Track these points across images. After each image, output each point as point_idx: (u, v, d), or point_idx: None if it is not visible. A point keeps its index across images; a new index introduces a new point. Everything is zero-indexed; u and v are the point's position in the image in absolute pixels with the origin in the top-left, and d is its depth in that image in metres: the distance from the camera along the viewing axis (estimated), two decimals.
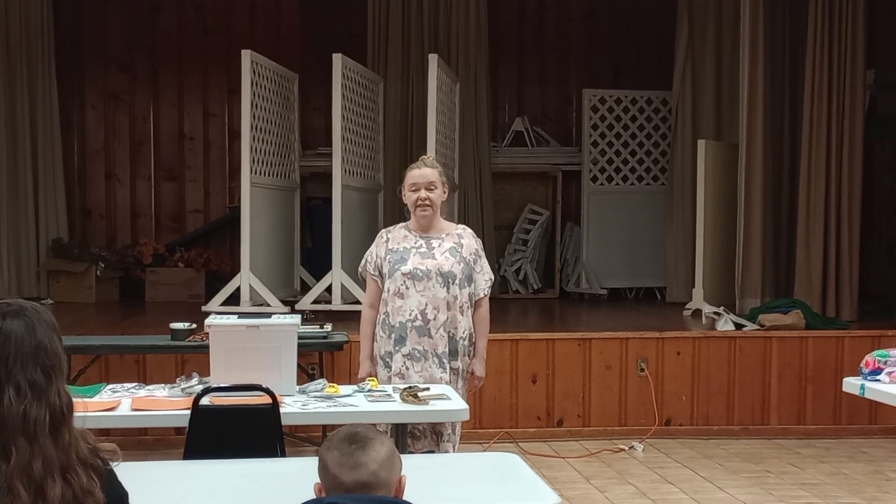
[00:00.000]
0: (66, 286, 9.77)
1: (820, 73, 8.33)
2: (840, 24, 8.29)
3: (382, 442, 2.44)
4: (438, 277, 4.80)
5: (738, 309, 8.48)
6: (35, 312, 2.22)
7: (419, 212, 4.85)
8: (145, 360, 6.90)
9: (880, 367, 4.50)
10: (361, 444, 2.42)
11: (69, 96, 10.51)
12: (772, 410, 7.47)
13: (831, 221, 8.35)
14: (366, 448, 2.41)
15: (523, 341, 7.31)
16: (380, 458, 2.40)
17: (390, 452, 2.43)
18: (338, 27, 10.49)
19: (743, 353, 7.47)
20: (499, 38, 10.72)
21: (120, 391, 4.36)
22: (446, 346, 4.82)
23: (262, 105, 8.43)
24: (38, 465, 2.09)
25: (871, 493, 6.07)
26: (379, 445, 2.42)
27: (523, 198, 10.86)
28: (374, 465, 2.39)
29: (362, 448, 2.41)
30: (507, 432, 7.18)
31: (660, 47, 10.49)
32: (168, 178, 10.86)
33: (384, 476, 2.40)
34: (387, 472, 2.41)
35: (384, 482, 2.40)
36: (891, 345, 6.29)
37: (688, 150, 9.63)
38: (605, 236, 10.61)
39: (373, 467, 2.39)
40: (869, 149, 8.95)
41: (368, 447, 2.41)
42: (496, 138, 10.78)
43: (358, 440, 2.43)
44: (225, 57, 10.45)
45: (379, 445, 2.42)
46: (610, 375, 7.35)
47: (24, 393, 2.12)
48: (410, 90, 9.95)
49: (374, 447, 2.41)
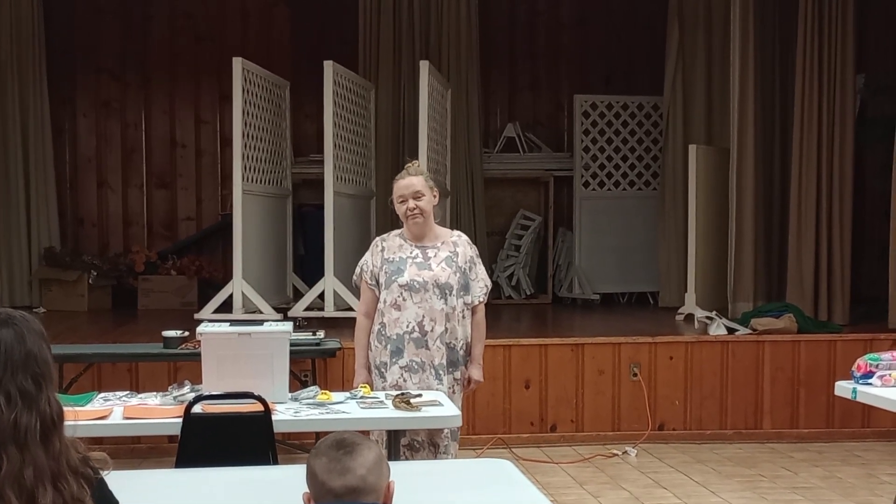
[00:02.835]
0: (59, 294, 9.75)
1: (810, 77, 8.35)
2: (830, 29, 8.32)
3: (369, 447, 2.44)
4: (435, 289, 4.78)
5: (730, 313, 8.49)
6: (24, 321, 2.21)
7: (411, 221, 4.83)
8: (137, 369, 6.90)
9: (872, 370, 4.51)
10: (349, 449, 2.42)
11: (61, 105, 10.49)
12: (765, 414, 7.48)
13: (823, 225, 8.37)
14: (353, 453, 2.41)
15: (516, 347, 7.32)
16: (368, 462, 2.40)
17: (378, 458, 2.43)
18: (329, 34, 10.49)
19: (735, 358, 7.47)
20: (490, 44, 10.73)
21: (112, 399, 4.35)
22: (444, 358, 4.79)
23: (253, 112, 8.44)
24: (28, 474, 2.09)
25: (864, 496, 6.08)
26: (366, 451, 2.42)
27: (515, 203, 10.86)
28: (362, 470, 2.39)
29: (350, 453, 2.41)
30: (501, 438, 7.18)
31: (650, 53, 10.50)
32: (160, 186, 10.85)
33: (372, 481, 2.40)
34: (375, 476, 2.41)
35: (372, 487, 2.40)
36: (882, 348, 6.32)
37: (679, 154, 9.63)
38: (598, 241, 10.61)
39: (361, 472, 2.39)
40: (860, 152, 8.97)
41: (356, 452, 2.41)
42: (488, 144, 10.78)
43: (345, 446, 2.43)
44: (217, 64, 10.44)
45: (366, 451, 2.42)
46: (603, 380, 7.35)
47: (14, 401, 2.12)
48: (402, 97, 9.95)
49: (361, 452, 2.41)
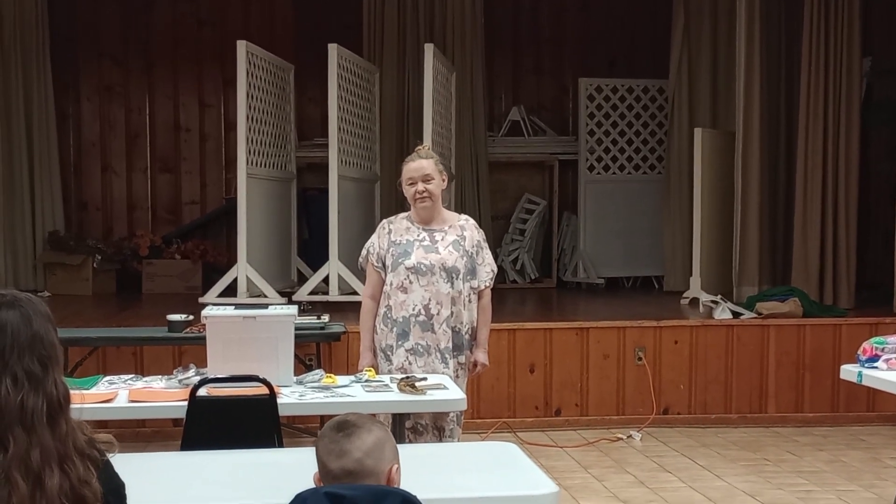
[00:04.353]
0: (63, 278, 9.75)
1: (816, 60, 8.32)
2: (836, 11, 8.28)
3: (370, 430, 2.41)
4: (442, 272, 4.75)
5: (735, 297, 8.48)
6: (30, 303, 2.21)
7: (419, 204, 4.81)
8: (142, 352, 6.90)
9: (878, 354, 4.51)
10: (349, 432, 2.40)
11: (64, 89, 10.48)
12: (769, 398, 7.47)
13: (828, 209, 8.35)
14: (352, 436, 2.39)
15: (521, 331, 7.31)
16: (365, 446, 2.39)
17: (378, 441, 2.40)
18: (333, 18, 10.45)
19: (740, 342, 7.47)
20: (494, 27, 10.69)
21: (117, 383, 4.36)
22: (450, 342, 4.78)
23: (257, 96, 8.42)
24: (35, 456, 2.09)
25: (870, 480, 6.08)
26: (366, 434, 2.40)
27: (520, 187, 10.84)
28: (358, 454, 2.38)
29: (349, 436, 2.40)
30: (505, 422, 7.18)
31: (655, 36, 10.46)
32: (164, 170, 10.84)
33: (370, 464, 2.38)
34: (374, 460, 2.38)
35: (371, 470, 2.38)
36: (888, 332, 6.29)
37: (684, 138, 9.61)
38: (603, 225, 10.60)
39: (357, 455, 2.38)
40: (866, 136, 8.94)
41: (355, 435, 2.40)
42: (493, 128, 10.76)
43: (346, 428, 2.42)
44: (220, 49, 10.41)
45: (366, 434, 2.40)
46: (608, 364, 7.35)
47: (21, 383, 2.11)
48: (406, 80, 9.93)
49: (360, 435, 2.40)
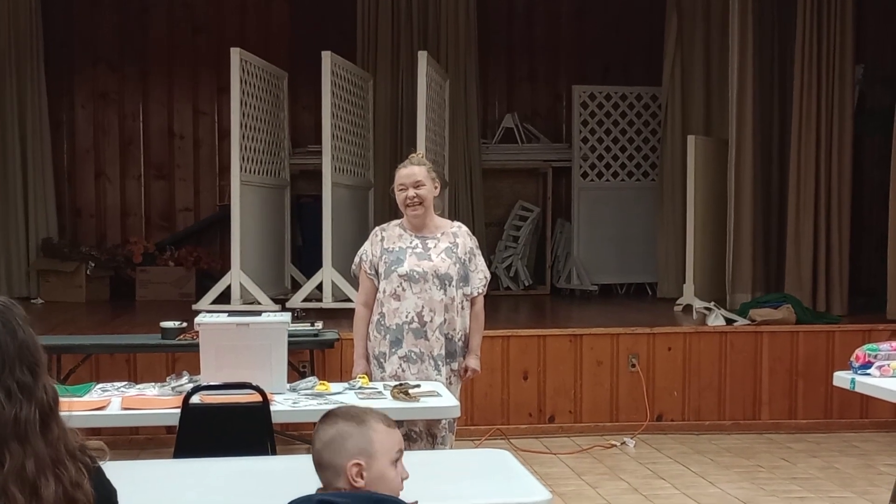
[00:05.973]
0: (56, 285, 9.75)
1: (809, 67, 8.34)
2: (829, 19, 8.31)
3: (334, 423, 2.42)
4: (435, 279, 4.76)
5: (728, 304, 8.49)
6: (9, 310, 2.11)
7: (410, 211, 4.81)
8: (135, 360, 6.89)
9: (870, 361, 4.52)
10: (323, 422, 2.44)
11: (58, 96, 10.46)
12: (763, 405, 7.48)
13: (821, 216, 8.37)
14: (320, 427, 2.43)
15: (514, 338, 7.32)
16: (324, 438, 2.40)
17: (338, 434, 2.40)
18: (327, 25, 10.46)
19: (734, 348, 7.48)
20: (488, 35, 10.70)
21: (110, 390, 4.35)
22: (443, 349, 4.78)
23: (251, 103, 8.43)
24: (30, 466, 2.06)
25: (863, 486, 6.08)
26: (329, 426, 2.41)
27: (514, 194, 10.85)
28: (318, 444, 2.41)
29: (319, 427, 2.43)
30: (499, 429, 7.18)
31: (649, 44, 10.48)
32: (158, 177, 10.83)
33: (327, 458, 2.39)
34: (330, 454, 2.39)
35: (328, 464, 2.39)
36: (881, 339, 6.32)
37: (677, 145, 9.62)
38: (596, 232, 10.61)
39: (317, 446, 2.41)
40: (858, 143, 8.96)
41: (320, 426, 2.43)
42: (486, 135, 10.77)
43: (324, 418, 2.45)
44: (215, 56, 10.40)
45: (329, 426, 2.41)
46: (601, 371, 7.35)
47: (15, 397, 2.06)
48: (400, 88, 9.93)
49: (324, 427, 2.42)
